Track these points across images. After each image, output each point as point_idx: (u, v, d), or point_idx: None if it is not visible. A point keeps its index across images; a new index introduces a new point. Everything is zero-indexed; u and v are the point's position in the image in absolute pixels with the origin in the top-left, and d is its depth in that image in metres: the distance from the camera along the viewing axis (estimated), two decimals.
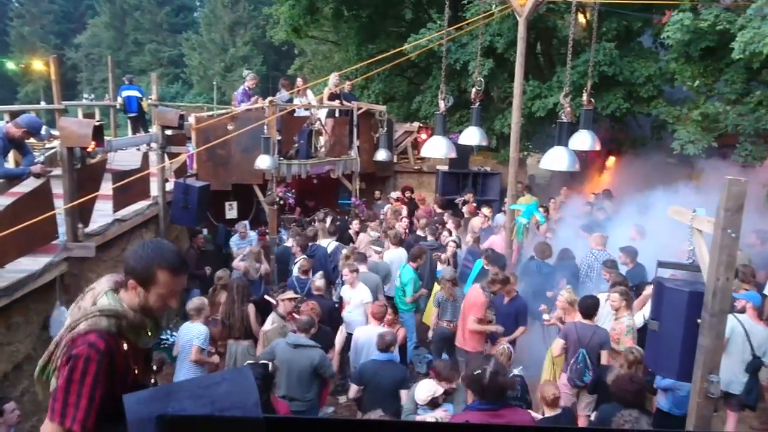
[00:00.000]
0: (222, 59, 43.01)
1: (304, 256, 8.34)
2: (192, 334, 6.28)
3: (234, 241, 10.03)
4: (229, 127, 10.85)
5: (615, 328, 6.29)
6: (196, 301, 6.52)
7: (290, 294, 6.49)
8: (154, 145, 9.46)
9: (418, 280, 8.15)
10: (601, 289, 7.21)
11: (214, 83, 40.05)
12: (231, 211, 11.43)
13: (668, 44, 10.51)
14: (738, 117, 9.28)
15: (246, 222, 10.56)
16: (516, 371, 5.60)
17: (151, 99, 14.52)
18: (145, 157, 9.01)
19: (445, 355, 7.32)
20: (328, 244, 9.24)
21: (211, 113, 13.44)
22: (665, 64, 11.61)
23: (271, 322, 6.47)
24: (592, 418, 5.96)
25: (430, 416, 4.68)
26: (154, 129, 10.72)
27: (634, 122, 13.71)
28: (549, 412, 4.91)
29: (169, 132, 9.47)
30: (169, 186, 9.42)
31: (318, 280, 7.25)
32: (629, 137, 13.41)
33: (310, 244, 8.89)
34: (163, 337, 8.25)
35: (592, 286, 7.94)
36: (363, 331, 6.56)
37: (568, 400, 6.18)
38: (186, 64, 45.34)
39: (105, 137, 9.68)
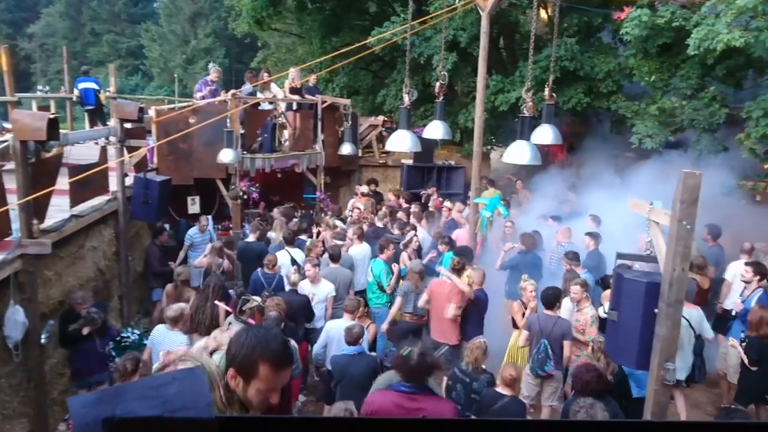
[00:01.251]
0: (183, 51, 42.21)
1: (275, 253, 8.27)
2: (173, 345, 5.97)
3: (191, 233, 9.78)
4: (191, 121, 10.65)
5: (579, 318, 6.43)
6: (173, 311, 6.25)
7: (256, 301, 6.35)
8: (112, 138, 9.21)
9: (390, 271, 8.15)
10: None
11: (175, 75, 39.29)
12: (193, 206, 11.24)
13: (627, 40, 10.72)
14: (693, 112, 9.54)
15: (209, 216, 10.40)
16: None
17: (109, 91, 14.13)
18: (104, 151, 8.78)
19: None
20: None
21: (172, 106, 13.18)
22: (624, 60, 11.86)
23: (227, 324, 6.28)
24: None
25: None
26: (112, 122, 10.46)
27: (594, 117, 13.97)
28: (504, 390, 5.04)
29: (128, 125, 9.25)
30: (129, 181, 9.20)
31: (293, 276, 7.20)
32: (589, 131, 13.67)
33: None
34: (123, 334, 8.07)
35: (558, 278, 8.11)
36: (335, 324, 6.54)
37: (531, 390, 6.29)
38: (146, 56, 44.34)
39: (61, 130, 9.41)
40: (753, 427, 0.81)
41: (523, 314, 6.70)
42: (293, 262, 8.27)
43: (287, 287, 7.22)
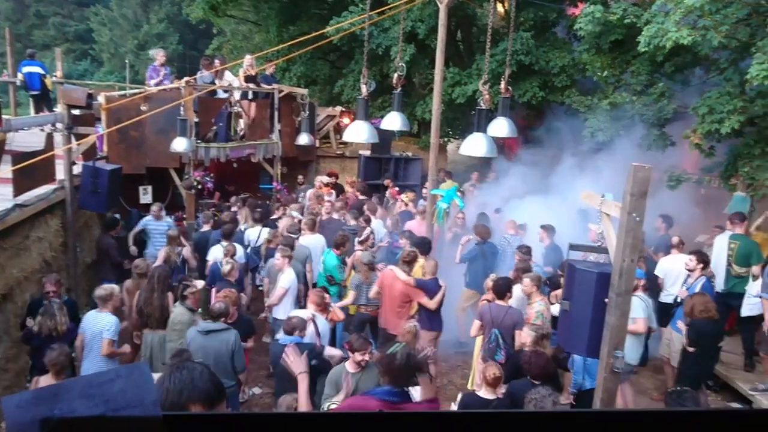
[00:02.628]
0: (135, 36, 40.96)
1: (232, 243, 8.15)
2: (101, 325, 5.89)
3: (145, 221, 9.44)
4: (143, 108, 10.36)
5: (527, 312, 6.56)
6: (103, 289, 6.10)
7: (199, 284, 6.23)
8: (59, 125, 8.86)
9: (342, 265, 8.13)
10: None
11: (127, 61, 38.12)
12: (145, 195, 10.96)
13: (581, 36, 10.94)
14: (643, 107, 9.81)
15: (161, 204, 10.12)
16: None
17: (55, 76, 13.59)
18: (50, 138, 8.45)
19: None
20: (260, 231, 9.13)
21: (123, 93, 12.77)
22: (578, 55, 12.10)
23: (175, 310, 6.16)
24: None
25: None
26: (59, 108, 10.07)
27: (549, 110, 14.23)
28: (487, 393, 4.91)
29: (76, 112, 8.93)
30: (77, 169, 8.89)
31: (225, 266, 7.09)
32: (544, 125, 13.91)
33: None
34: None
35: (506, 269, 8.25)
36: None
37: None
38: (95, 41, 42.82)
39: (4, 116, 9.02)
40: (710, 413, 0.83)
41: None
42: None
43: (228, 278, 7.07)
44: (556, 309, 6.66)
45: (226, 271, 7.09)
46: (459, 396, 5.48)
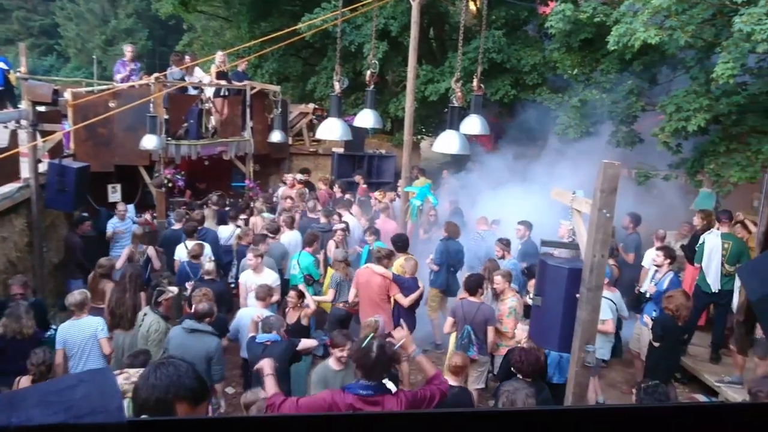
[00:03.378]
0: (102, 31, 40.06)
1: (198, 241, 8.04)
2: (90, 330, 5.71)
3: (112, 223, 9.33)
4: (111, 104, 10.17)
5: (500, 308, 6.61)
6: (77, 295, 5.89)
7: (174, 290, 6.11)
8: (23, 122, 8.63)
9: (317, 263, 8.10)
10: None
11: (94, 57, 37.31)
12: (114, 194, 10.75)
13: (551, 34, 11.05)
14: (612, 104, 9.97)
15: (129, 204, 9.94)
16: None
17: (20, 72, 13.24)
18: (14, 135, 8.25)
19: None
20: (230, 230, 9.05)
21: (90, 89, 12.50)
22: (549, 54, 12.23)
23: (146, 319, 5.92)
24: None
25: None
26: (23, 105, 9.82)
27: (520, 108, 14.36)
28: (452, 381, 5.01)
29: (41, 108, 8.71)
30: (43, 167, 8.68)
31: (207, 264, 7.00)
32: (516, 122, 14.04)
33: (199, 227, 8.57)
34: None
35: (480, 265, 8.31)
36: (246, 312, 6.45)
37: None
38: (61, 36, 41.78)
39: None
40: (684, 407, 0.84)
41: None
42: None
43: (204, 276, 7.00)
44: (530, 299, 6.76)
45: (209, 270, 7.00)
46: None
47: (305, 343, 5.60)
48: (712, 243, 7.56)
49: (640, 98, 9.86)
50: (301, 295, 6.66)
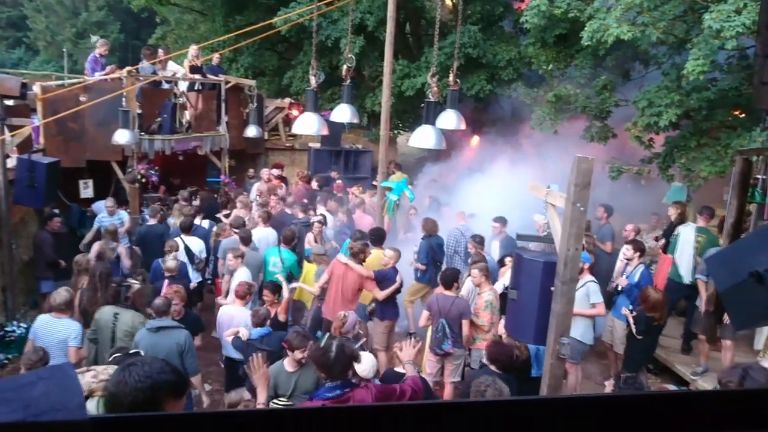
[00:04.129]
0: (73, 24, 39.25)
1: (174, 239, 7.95)
2: (65, 333, 5.51)
3: (100, 219, 9.13)
4: (82, 99, 9.97)
5: (477, 302, 6.66)
6: (63, 293, 5.67)
7: (135, 285, 6.00)
8: None
9: (297, 259, 8.06)
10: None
11: (64, 50, 36.56)
12: (86, 189, 10.55)
13: (527, 29, 11.12)
14: (586, 99, 10.08)
15: (100, 201, 9.76)
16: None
17: None
18: None
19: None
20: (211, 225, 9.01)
21: (61, 82, 12.24)
22: (524, 49, 12.31)
23: (122, 317, 5.81)
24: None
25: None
26: None
27: (496, 103, 14.45)
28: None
29: (9, 102, 8.49)
30: (12, 162, 8.48)
31: (170, 261, 6.91)
32: (491, 117, 14.14)
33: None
34: (8, 328, 7.49)
35: (460, 260, 8.37)
36: (226, 310, 6.41)
37: (433, 367, 6.48)
38: (30, 28, 40.82)
39: None
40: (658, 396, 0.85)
41: None
42: (187, 251, 7.96)
43: (166, 274, 6.88)
44: (499, 287, 6.83)
45: (170, 267, 6.91)
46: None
47: None
48: (686, 235, 7.72)
49: (613, 94, 9.99)
50: (275, 291, 6.62)
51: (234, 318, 6.10)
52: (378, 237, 7.77)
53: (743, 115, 8.60)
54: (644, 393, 3.22)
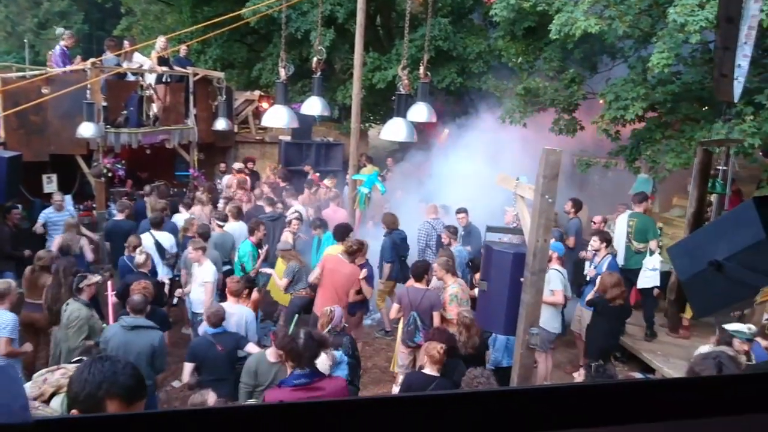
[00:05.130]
0: (34, 14, 38.15)
1: (138, 235, 7.80)
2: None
3: (46, 213, 8.89)
4: (44, 91, 9.70)
5: (442, 296, 6.69)
6: (1, 283, 5.55)
7: (95, 278, 5.87)
8: None
9: (256, 253, 7.93)
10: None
11: (26, 41, 35.54)
12: (50, 184, 10.29)
13: (496, 22, 11.18)
14: (554, 92, 10.19)
15: (66, 195, 9.53)
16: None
17: None
18: None
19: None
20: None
21: (22, 74, 11.89)
22: (494, 42, 12.38)
23: (68, 308, 5.67)
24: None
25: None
26: None
27: (466, 96, 14.52)
28: (432, 370, 4.84)
29: None
30: None
31: (139, 257, 6.79)
32: (462, 110, 14.20)
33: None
34: None
35: (432, 254, 8.39)
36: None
37: (405, 359, 6.50)
38: None
39: None
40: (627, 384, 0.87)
41: None
42: (158, 247, 7.83)
43: (136, 269, 6.76)
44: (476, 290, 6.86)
45: (141, 262, 6.79)
46: (400, 378, 5.54)
47: (250, 348, 5.51)
48: (621, 223, 7.99)
49: (581, 87, 10.12)
50: (248, 285, 6.56)
51: (232, 316, 5.96)
52: (341, 233, 7.69)
53: (706, 108, 8.80)
54: (618, 381, 3.29)
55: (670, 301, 7.75)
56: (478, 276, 6.89)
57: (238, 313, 5.99)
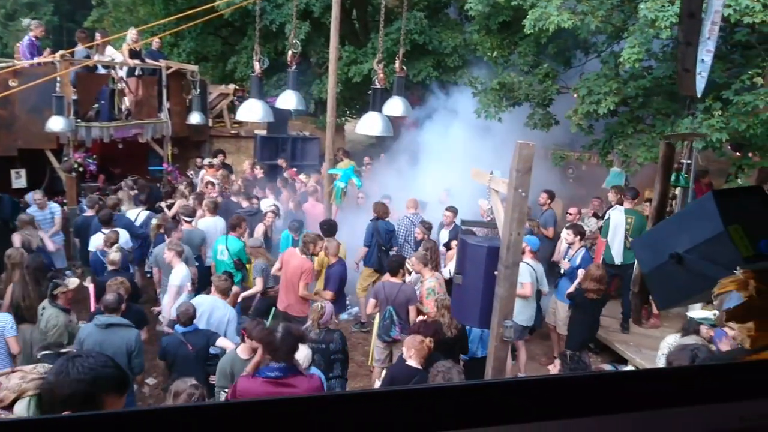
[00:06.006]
0: (2, 5, 37.20)
1: (114, 230, 7.66)
2: (0, 326, 5.35)
3: (30, 212, 8.72)
4: (12, 83, 9.49)
5: (420, 290, 6.73)
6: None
7: (71, 285, 5.77)
8: None
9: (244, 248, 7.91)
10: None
11: None
12: (18, 179, 10.09)
13: (471, 16, 11.21)
14: (529, 87, 10.26)
15: (39, 190, 9.34)
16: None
17: None
18: None
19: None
20: (138, 213, 8.65)
21: None
22: (469, 36, 12.42)
23: (45, 313, 5.59)
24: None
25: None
26: None
27: (442, 90, 14.55)
28: (415, 363, 4.88)
29: None
30: None
31: (113, 254, 6.68)
32: (437, 104, 14.22)
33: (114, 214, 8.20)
34: None
35: (410, 248, 8.42)
36: (201, 299, 6.25)
37: (381, 353, 6.53)
38: None
39: None
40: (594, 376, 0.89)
41: None
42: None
43: (109, 266, 6.65)
44: (446, 273, 6.92)
45: (114, 260, 6.69)
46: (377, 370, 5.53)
47: (222, 342, 5.48)
48: (617, 218, 8.02)
49: (555, 81, 10.20)
50: (229, 280, 6.52)
51: (216, 311, 5.88)
52: (329, 227, 7.72)
53: (677, 102, 8.94)
54: (592, 373, 3.35)
55: (634, 294, 7.88)
56: (449, 254, 6.98)
57: (223, 310, 5.95)
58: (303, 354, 4.31)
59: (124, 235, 7.81)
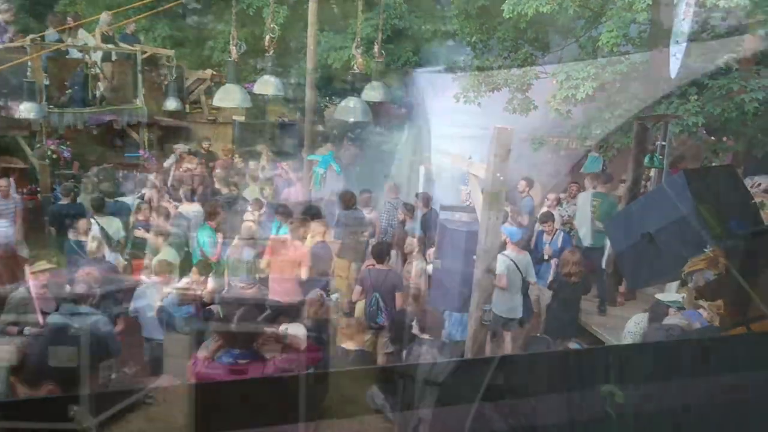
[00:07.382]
0: None
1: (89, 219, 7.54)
2: None
3: None
4: None
5: (409, 270, 6.74)
6: None
7: (43, 265, 5.66)
8: None
9: (215, 238, 7.78)
10: None
11: None
12: None
13: (450, 0, 11.16)
14: (508, 72, 10.25)
15: (6, 178, 9.13)
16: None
17: None
18: None
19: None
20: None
21: None
22: (449, 20, 12.37)
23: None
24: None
25: None
26: None
27: (421, 75, 14.49)
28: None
29: None
30: None
31: (91, 243, 6.58)
32: (417, 88, 14.18)
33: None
34: None
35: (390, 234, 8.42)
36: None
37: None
38: None
39: None
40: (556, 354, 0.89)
41: None
42: (102, 232, 7.57)
43: (89, 256, 6.59)
44: (431, 268, 6.92)
45: (93, 249, 6.59)
46: None
47: None
48: (584, 201, 8.10)
49: (534, 66, 10.20)
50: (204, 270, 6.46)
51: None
52: (315, 212, 7.66)
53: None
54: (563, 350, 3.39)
55: (608, 274, 7.96)
56: (430, 252, 6.98)
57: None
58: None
59: (115, 224, 7.69)
